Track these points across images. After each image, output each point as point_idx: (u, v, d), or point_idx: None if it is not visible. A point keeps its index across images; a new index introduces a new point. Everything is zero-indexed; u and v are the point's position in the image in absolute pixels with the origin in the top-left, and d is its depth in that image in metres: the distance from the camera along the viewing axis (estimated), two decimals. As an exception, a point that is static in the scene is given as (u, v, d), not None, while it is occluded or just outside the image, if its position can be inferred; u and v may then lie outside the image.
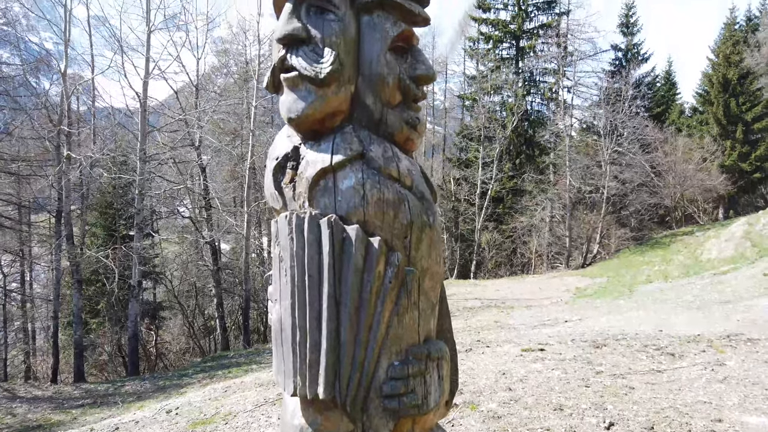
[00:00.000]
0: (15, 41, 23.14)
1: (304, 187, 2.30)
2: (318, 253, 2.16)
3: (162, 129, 26.95)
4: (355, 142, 2.31)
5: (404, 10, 2.47)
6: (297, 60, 2.32)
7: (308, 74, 2.29)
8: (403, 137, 2.48)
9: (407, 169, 2.39)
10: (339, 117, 2.39)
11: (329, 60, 2.29)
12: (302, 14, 2.38)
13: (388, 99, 2.42)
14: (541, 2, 40.36)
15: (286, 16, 2.38)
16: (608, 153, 32.90)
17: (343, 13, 2.39)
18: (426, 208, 2.36)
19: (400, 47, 2.47)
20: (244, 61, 33.46)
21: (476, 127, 38.56)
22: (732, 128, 35.74)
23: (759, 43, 37.87)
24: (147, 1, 22.26)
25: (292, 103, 2.35)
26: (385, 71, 2.39)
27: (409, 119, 2.48)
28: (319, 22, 2.36)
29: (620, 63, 40.68)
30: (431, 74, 2.53)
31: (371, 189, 2.23)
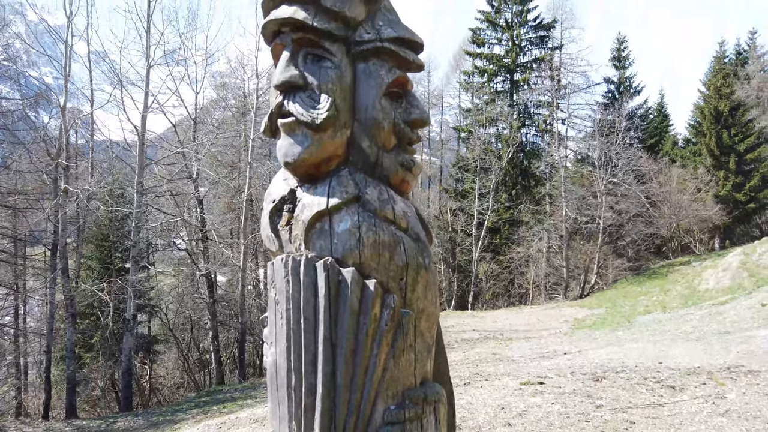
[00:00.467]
0: (15, 76, 23.44)
1: (300, 230, 2.33)
2: (314, 296, 2.18)
3: (159, 162, 27.09)
4: (351, 185, 2.35)
5: (399, 57, 2.54)
6: (294, 106, 2.38)
7: (305, 120, 2.34)
8: (398, 179, 2.52)
9: (403, 211, 2.42)
10: (335, 161, 2.44)
11: (326, 106, 2.35)
12: (299, 62, 2.45)
13: (384, 143, 2.47)
14: (534, 37, 41.18)
15: (283, 64, 2.45)
16: (603, 184, 33.15)
17: (339, 60, 2.45)
18: (421, 249, 2.39)
19: (394, 92, 2.54)
20: (242, 95, 33.83)
21: (472, 159, 38.90)
22: (725, 159, 36.11)
23: (749, 76, 38.55)
24: (147, 38, 22.65)
25: (289, 147, 2.40)
26: (381, 116, 2.45)
27: (404, 162, 2.53)
28: (316, 70, 2.43)
29: (613, 95, 41.31)
30: (425, 118, 2.59)
31: (367, 231, 2.26)
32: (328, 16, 2.44)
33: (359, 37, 2.50)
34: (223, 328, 29.89)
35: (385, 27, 2.56)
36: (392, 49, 2.52)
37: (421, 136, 2.64)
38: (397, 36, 2.54)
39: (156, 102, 25.09)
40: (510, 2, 40.23)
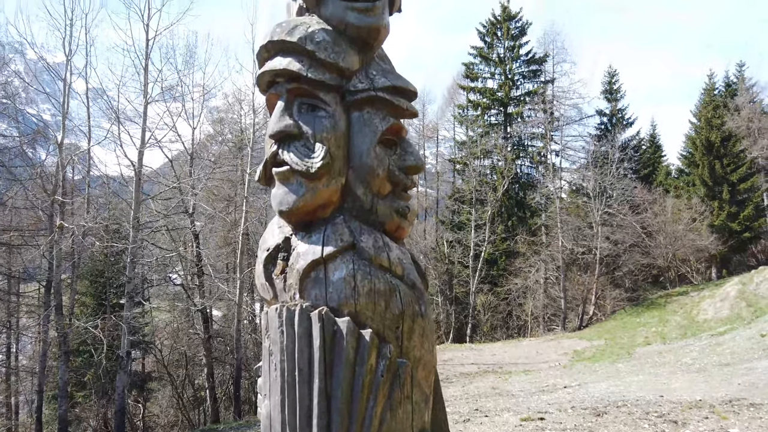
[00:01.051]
0: (13, 114, 23.61)
1: (294, 279, 2.32)
2: (308, 347, 2.16)
3: (156, 197, 27.08)
4: (345, 233, 2.35)
5: (392, 105, 2.58)
6: (289, 155, 2.40)
7: (300, 169, 2.36)
8: (393, 226, 2.53)
9: (398, 258, 2.42)
10: (330, 208, 2.44)
11: (320, 155, 2.37)
12: (294, 111, 2.48)
13: (378, 189, 2.48)
14: (526, 71, 41.84)
15: (278, 114, 2.48)
16: (599, 214, 33.26)
17: (333, 109, 2.49)
18: (417, 297, 2.38)
19: (389, 140, 2.57)
20: (239, 130, 34.09)
21: (468, 191, 39.07)
22: (718, 189, 36.36)
23: (738, 107, 39.14)
24: (145, 75, 22.93)
25: (284, 196, 2.41)
26: (375, 163, 2.47)
27: (399, 208, 2.54)
28: (310, 119, 2.46)
29: (606, 127, 41.79)
30: (420, 164, 2.61)
31: (362, 280, 2.25)
32: (323, 67, 2.48)
33: (353, 86, 2.54)
34: (218, 364, 29.46)
35: (378, 76, 2.60)
36: (386, 98, 2.55)
37: (416, 182, 2.66)
38: (391, 85, 2.58)
39: (153, 138, 25.26)
40: (502, 38, 41.01)
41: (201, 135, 37.55)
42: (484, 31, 41.53)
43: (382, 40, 2.72)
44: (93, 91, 25.52)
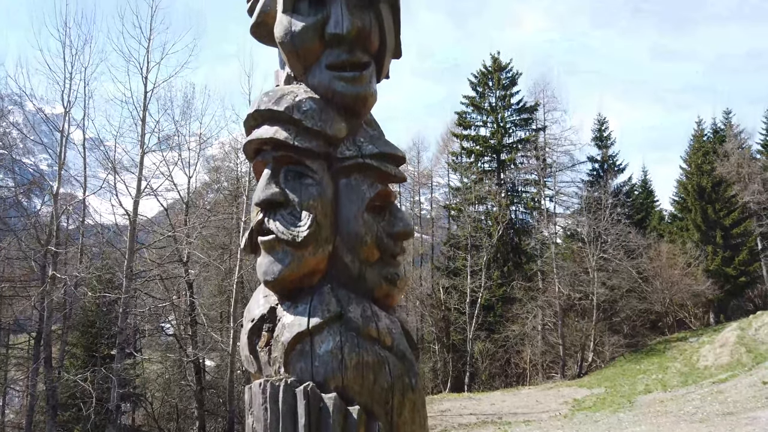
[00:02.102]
0: (10, 165, 23.71)
1: (279, 352, 2.26)
2: (293, 425, 2.08)
3: (150, 246, 26.95)
4: (332, 303, 2.31)
5: (380, 172, 2.58)
6: (275, 224, 2.38)
7: (286, 238, 2.33)
8: (382, 293, 2.49)
9: (387, 327, 2.37)
10: (317, 276, 2.41)
11: (307, 223, 2.35)
12: (281, 179, 2.47)
13: (367, 256, 2.45)
14: (518, 119, 42.54)
15: (264, 182, 2.47)
16: (594, 260, 33.21)
17: (320, 177, 2.48)
18: (407, 369, 2.31)
19: (377, 206, 2.55)
20: (235, 178, 34.26)
21: (463, 236, 39.07)
22: (712, 234, 36.49)
23: (727, 153, 39.77)
24: (142, 126, 23.19)
25: (269, 265, 2.37)
26: (363, 231, 2.45)
27: (388, 275, 2.50)
28: (297, 187, 2.45)
29: (598, 173, 42.23)
30: (409, 230, 2.59)
31: (350, 353, 2.19)
32: (310, 135, 2.49)
33: (340, 153, 2.55)
34: (210, 416, 28.67)
35: (366, 143, 2.61)
36: (373, 165, 2.56)
37: (405, 248, 2.63)
38: (379, 152, 2.59)
39: (149, 187, 25.33)
40: (493, 88, 41.87)
41: (197, 183, 37.71)
42: (476, 82, 42.45)
43: (369, 107, 2.75)
44: (90, 142, 25.73)
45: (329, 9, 2.61)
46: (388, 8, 2.73)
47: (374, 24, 2.67)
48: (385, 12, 2.71)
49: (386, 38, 2.74)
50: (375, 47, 2.73)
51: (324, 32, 2.60)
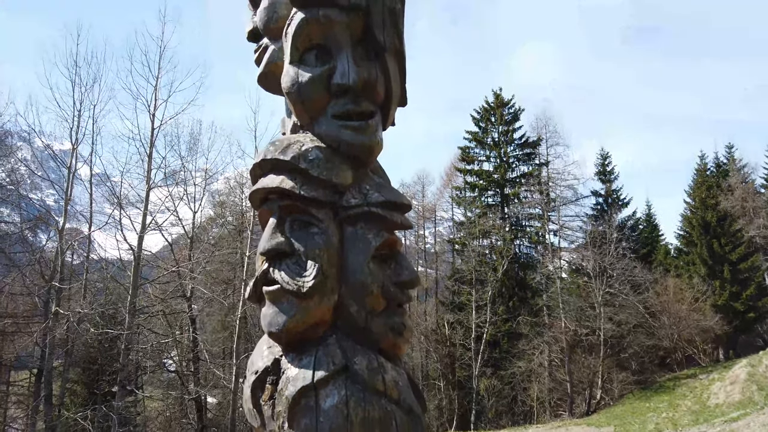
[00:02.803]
0: (17, 201, 23.89)
1: (283, 406, 2.22)
2: (298, 484, 2.03)
3: (154, 281, 26.91)
4: (338, 355, 2.28)
5: (386, 220, 2.58)
6: (280, 274, 2.36)
7: (291, 288, 2.32)
8: (388, 344, 2.46)
9: (393, 380, 2.33)
10: (322, 327, 2.38)
11: (312, 273, 2.33)
12: (286, 228, 2.47)
13: (373, 306, 2.43)
14: (521, 154, 42.83)
15: (270, 231, 2.47)
16: (600, 294, 32.91)
17: (326, 226, 2.48)
18: (415, 424, 2.27)
19: (383, 254, 2.54)
20: (240, 213, 34.41)
21: (467, 271, 38.86)
22: (719, 268, 36.23)
23: (731, 187, 39.77)
24: (148, 162, 23.42)
25: (274, 316, 2.35)
26: (369, 280, 2.43)
27: (394, 326, 2.47)
28: (302, 236, 2.45)
29: (602, 207, 42.24)
30: (415, 279, 2.57)
31: (355, 407, 2.15)
32: (316, 184, 2.50)
33: (346, 202, 2.55)
34: (211, 456, 28.08)
35: (372, 191, 2.62)
36: (379, 213, 2.55)
37: (411, 297, 2.61)
38: (384, 200, 2.60)
39: (154, 222, 25.41)
40: (496, 123, 42.30)
41: (202, 218, 37.86)
42: (479, 117, 42.92)
43: (375, 156, 2.77)
44: (96, 177, 25.95)
45: (336, 60, 2.65)
46: (393, 59, 2.77)
47: (380, 74, 2.71)
48: (391, 62, 2.75)
49: (392, 87, 2.77)
50: (381, 97, 2.76)
51: (330, 83, 2.64)
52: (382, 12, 2.64)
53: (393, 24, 2.72)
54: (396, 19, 2.75)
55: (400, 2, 2.81)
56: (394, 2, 2.73)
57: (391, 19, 2.70)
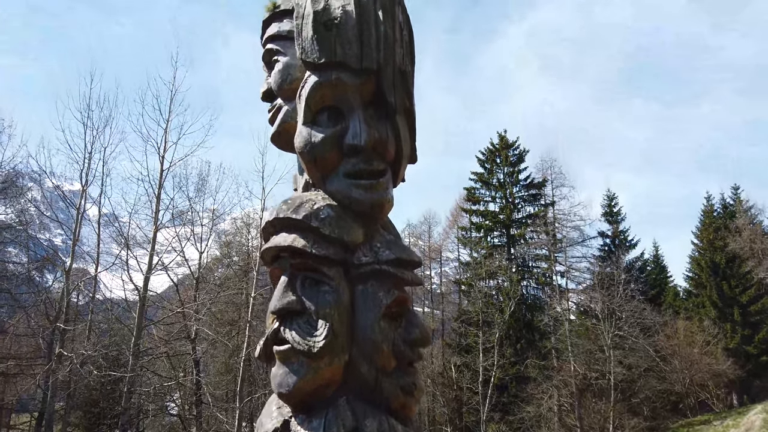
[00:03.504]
0: (25, 241, 24.03)
1: (294, 470, 2.19)
2: None
3: (159, 323, 26.73)
4: (348, 418, 2.26)
5: (397, 278, 2.59)
6: (291, 334, 2.37)
7: (301, 348, 2.32)
8: (399, 404, 2.44)
9: (403, 443, 2.30)
10: (332, 387, 2.37)
11: (323, 333, 2.34)
12: (297, 287, 2.49)
13: (383, 365, 2.43)
14: (526, 195, 42.86)
15: (281, 290, 2.49)
16: (609, 337, 32.40)
17: (337, 284, 2.50)
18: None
19: (394, 312, 2.55)
20: (246, 253, 34.40)
21: (474, 312, 38.45)
22: (729, 311, 35.74)
23: (739, 229, 39.58)
24: (156, 203, 23.59)
25: (284, 377, 2.35)
26: (380, 338, 2.44)
27: (405, 386, 2.46)
28: (313, 294, 2.46)
29: (609, 248, 41.97)
30: (426, 338, 2.57)
31: (365, 472, 2.12)
32: (327, 242, 2.53)
33: (357, 260, 2.58)
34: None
35: (382, 249, 2.64)
36: (390, 271, 2.57)
37: (422, 355, 2.60)
38: (395, 258, 2.62)
39: (160, 262, 25.43)
40: (501, 164, 42.56)
41: (208, 258, 37.88)
42: (484, 158, 43.29)
43: (386, 213, 2.80)
44: (105, 218, 26.14)
45: (347, 121, 2.72)
46: (404, 118, 2.84)
47: (390, 134, 2.77)
48: (401, 122, 2.82)
49: (402, 146, 2.84)
50: (391, 156, 2.82)
51: (342, 143, 2.70)
52: (392, 74, 2.73)
53: (403, 85, 2.80)
54: (406, 80, 2.83)
55: (410, 63, 2.90)
56: (404, 64, 2.82)
57: (401, 81, 2.78)
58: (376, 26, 2.72)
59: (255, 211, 48.12)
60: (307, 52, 2.74)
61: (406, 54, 2.88)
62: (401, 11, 2.91)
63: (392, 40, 2.76)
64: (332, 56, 2.69)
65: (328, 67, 2.69)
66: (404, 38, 2.90)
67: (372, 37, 2.71)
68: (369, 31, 2.70)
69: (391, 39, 2.75)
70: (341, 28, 2.70)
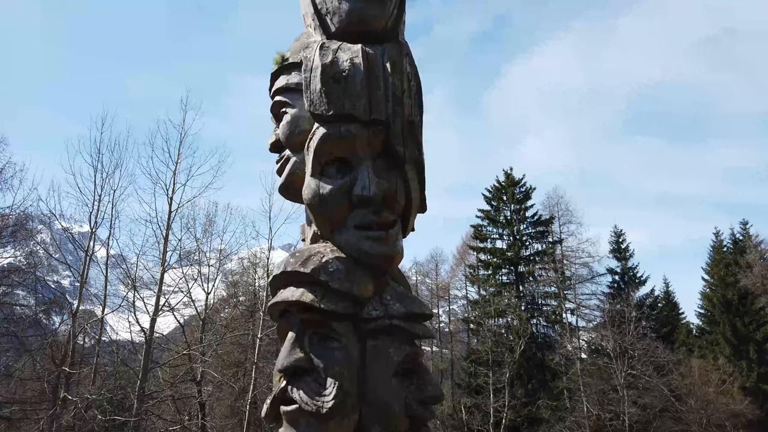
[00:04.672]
0: (33, 284, 24.02)
1: None
2: None
3: (164, 365, 26.42)
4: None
5: (408, 333, 2.54)
6: (299, 393, 2.31)
7: (310, 409, 2.26)
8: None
9: None
10: (342, 450, 2.29)
11: (332, 392, 2.27)
12: (305, 343, 2.44)
13: (395, 427, 2.35)
14: (534, 232, 42.63)
15: (289, 346, 2.44)
16: (623, 376, 31.70)
17: (347, 340, 2.45)
18: None
19: (406, 369, 2.48)
20: (252, 293, 34.22)
21: (484, 351, 37.82)
22: (744, 348, 34.96)
23: (749, 264, 39.06)
24: (164, 245, 23.60)
25: (292, 441, 2.27)
26: (391, 398, 2.37)
27: (418, 448, 2.38)
28: (322, 351, 2.41)
29: (618, 285, 41.39)
30: (440, 395, 2.50)
31: None
32: (336, 296, 2.49)
33: (367, 314, 2.53)
34: None
35: (393, 302, 2.59)
36: (401, 326, 2.52)
37: (435, 413, 2.52)
38: (406, 312, 2.57)
39: (167, 304, 25.31)
40: (508, 202, 42.55)
41: (215, 299, 37.70)
42: (490, 196, 43.36)
43: (396, 265, 2.77)
44: (112, 259, 26.17)
45: (356, 172, 2.71)
46: (413, 168, 2.84)
47: (400, 185, 2.76)
48: (411, 172, 2.81)
49: (412, 196, 2.82)
50: (401, 206, 2.80)
51: (351, 195, 2.69)
52: (401, 125, 2.73)
53: (412, 135, 2.80)
54: (415, 130, 2.83)
55: (419, 114, 2.91)
56: (413, 115, 2.82)
57: (410, 131, 2.78)
58: (384, 79, 2.74)
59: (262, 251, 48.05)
60: (316, 105, 2.76)
61: (414, 105, 2.89)
62: (408, 63, 2.94)
63: (400, 91, 2.77)
64: (341, 109, 2.70)
65: (337, 119, 2.69)
66: (412, 89, 2.91)
67: (380, 90, 2.72)
68: (377, 83, 2.73)
69: (400, 91, 2.77)
70: (349, 81, 2.72)
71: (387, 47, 2.86)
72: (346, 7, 2.89)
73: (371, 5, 2.87)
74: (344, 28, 2.91)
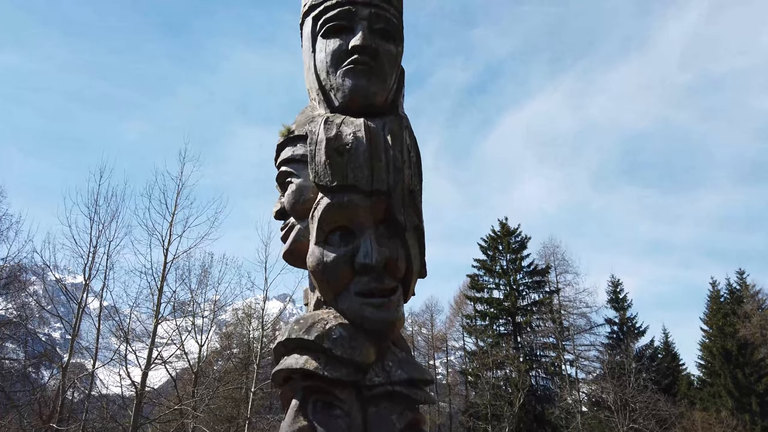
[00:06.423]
0: (23, 338, 23.61)
1: None
2: None
3: (155, 421, 25.69)
4: None
5: (410, 399, 2.56)
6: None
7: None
8: None
9: None
10: None
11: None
12: (309, 411, 2.46)
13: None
14: (530, 282, 42.52)
15: (292, 414, 2.46)
16: (624, 430, 31.01)
17: (349, 407, 2.47)
18: None
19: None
20: (246, 345, 33.69)
21: (482, 405, 37.07)
22: (746, 400, 34.40)
23: (748, 314, 38.90)
24: (159, 296, 23.33)
25: None
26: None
27: None
28: (325, 419, 2.43)
29: (617, 336, 41.01)
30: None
31: None
32: (339, 363, 2.53)
33: (369, 380, 2.56)
34: None
35: (394, 368, 2.63)
36: (403, 393, 2.54)
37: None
38: (407, 378, 2.60)
39: (159, 357, 24.83)
40: (504, 251, 42.60)
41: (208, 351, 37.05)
42: (486, 246, 43.44)
43: (397, 330, 2.82)
44: (105, 311, 25.82)
45: (359, 240, 2.80)
46: (413, 235, 2.92)
47: (401, 252, 2.84)
48: (411, 239, 2.89)
49: (412, 263, 2.89)
50: (402, 273, 2.87)
51: (354, 262, 2.76)
52: (402, 195, 2.83)
53: (412, 204, 2.90)
54: (415, 199, 2.93)
55: (419, 183, 3.02)
56: (413, 184, 2.93)
57: (410, 200, 2.89)
58: (385, 151, 2.87)
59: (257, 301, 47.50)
60: (320, 176, 2.87)
61: (414, 174, 3.01)
62: (408, 134, 3.08)
63: (401, 162, 2.89)
64: (344, 180, 2.81)
65: (341, 190, 2.80)
66: (412, 159, 3.04)
67: (382, 161, 2.85)
68: (379, 155, 2.85)
69: (400, 161, 2.89)
70: (352, 154, 2.84)
71: (388, 120, 3.01)
72: (349, 84, 3.05)
73: (373, 82, 3.03)
74: (347, 104, 3.06)
